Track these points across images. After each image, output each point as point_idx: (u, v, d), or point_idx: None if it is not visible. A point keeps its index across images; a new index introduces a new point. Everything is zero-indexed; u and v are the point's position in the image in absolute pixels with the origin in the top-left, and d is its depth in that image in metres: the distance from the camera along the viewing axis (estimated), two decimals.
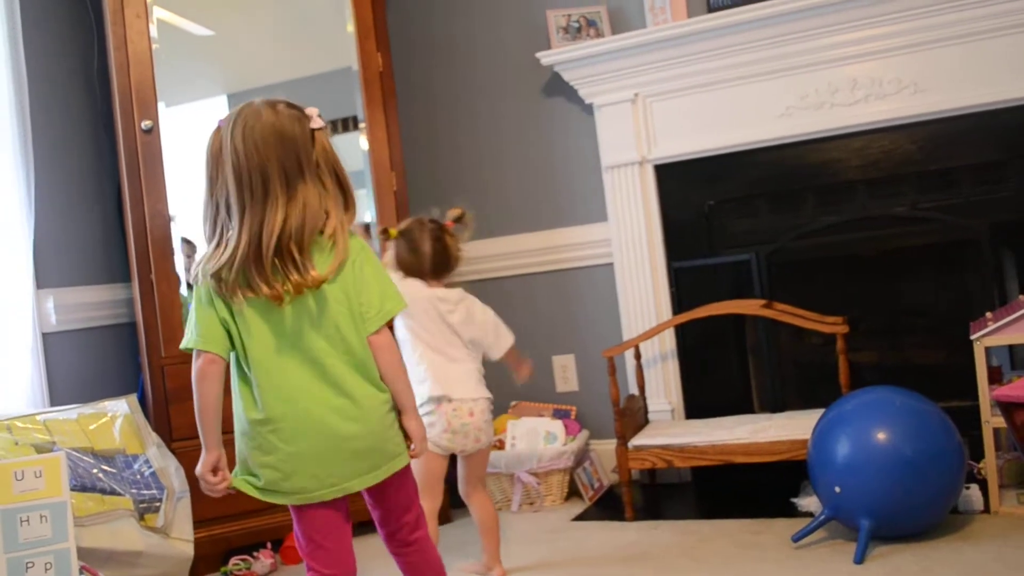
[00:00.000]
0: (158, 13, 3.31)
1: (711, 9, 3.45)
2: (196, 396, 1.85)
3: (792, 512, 3.00)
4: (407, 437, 1.94)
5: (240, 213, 1.80)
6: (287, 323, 1.83)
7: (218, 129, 1.85)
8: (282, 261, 1.79)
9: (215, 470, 1.89)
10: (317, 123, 1.86)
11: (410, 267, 2.62)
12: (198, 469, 1.90)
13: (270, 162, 1.79)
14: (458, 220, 2.68)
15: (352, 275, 1.88)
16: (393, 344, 1.96)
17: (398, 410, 1.93)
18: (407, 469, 1.95)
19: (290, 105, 1.87)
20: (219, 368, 1.84)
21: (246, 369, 1.85)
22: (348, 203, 1.89)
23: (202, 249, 1.88)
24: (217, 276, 1.80)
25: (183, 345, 1.86)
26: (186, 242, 3.38)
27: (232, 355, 1.87)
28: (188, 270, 3.32)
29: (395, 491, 1.95)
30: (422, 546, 2.00)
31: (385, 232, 2.60)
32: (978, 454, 2.84)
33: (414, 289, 2.57)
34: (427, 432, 2.13)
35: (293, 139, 1.82)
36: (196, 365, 1.84)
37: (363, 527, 2.29)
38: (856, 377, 3.07)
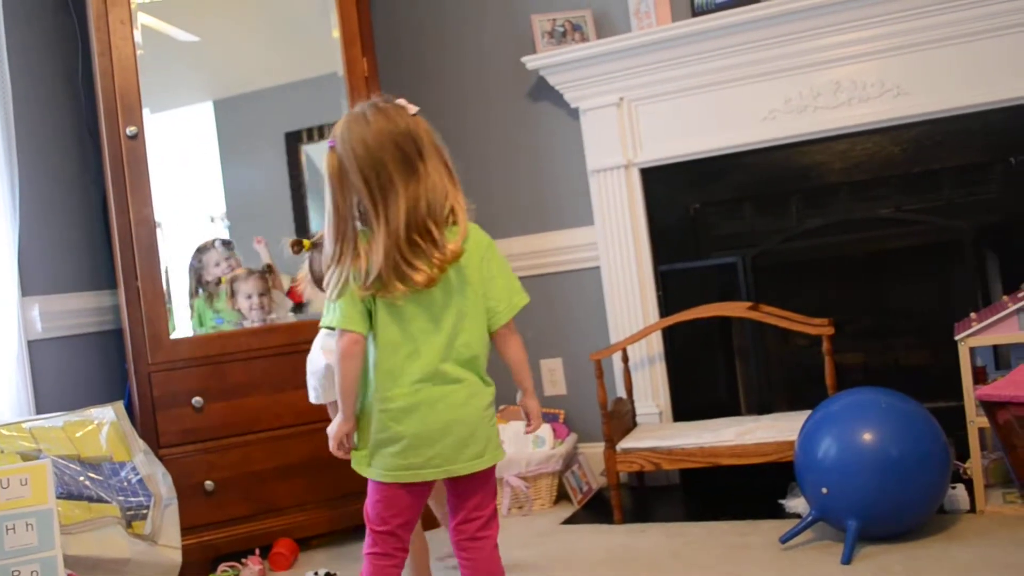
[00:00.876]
0: (143, 19, 3.31)
1: (695, 13, 3.47)
2: (340, 372, 1.93)
3: (780, 513, 3.01)
4: (528, 416, 2.09)
5: (376, 215, 1.88)
6: (425, 306, 1.92)
7: (332, 149, 1.92)
8: (422, 240, 1.88)
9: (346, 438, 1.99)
10: (412, 109, 1.95)
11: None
12: (331, 431, 1.98)
13: (387, 155, 1.88)
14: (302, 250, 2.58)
15: (480, 267, 1.98)
16: (516, 333, 2.08)
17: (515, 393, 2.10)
18: (494, 467, 2.02)
19: (387, 100, 1.96)
20: (362, 347, 1.93)
21: (376, 347, 1.93)
22: (455, 180, 2.00)
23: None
24: (377, 277, 1.86)
25: (325, 323, 1.94)
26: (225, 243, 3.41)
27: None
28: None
29: (482, 483, 2.01)
30: (488, 544, 2.02)
31: (299, 244, 2.54)
32: (964, 454, 2.85)
33: None
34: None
35: (404, 130, 1.91)
36: (341, 343, 1.92)
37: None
38: (842, 378, 3.08)
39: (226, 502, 3.17)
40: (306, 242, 2.56)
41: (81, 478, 2.64)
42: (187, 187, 3.57)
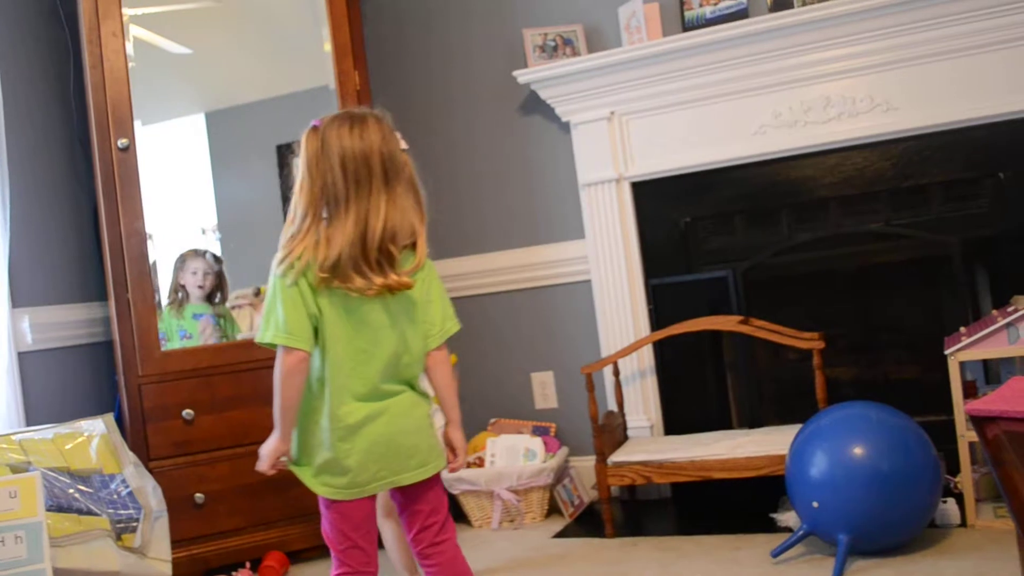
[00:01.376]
0: (135, 31, 3.31)
1: (686, 28, 3.48)
2: (281, 390, 1.91)
3: (771, 527, 3.01)
4: (451, 449, 2.07)
5: (346, 203, 1.87)
6: (372, 322, 1.92)
7: (315, 129, 1.92)
8: (383, 256, 1.88)
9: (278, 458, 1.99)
10: (403, 145, 1.98)
11: None
12: (267, 450, 1.97)
13: (374, 157, 1.89)
14: None
15: (422, 289, 1.98)
16: (448, 360, 2.08)
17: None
18: (439, 474, 2.04)
19: (388, 121, 1.98)
20: (307, 365, 1.91)
21: (320, 365, 1.93)
22: (423, 220, 1.99)
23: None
24: (333, 267, 1.85)
25: (266, 339, 1.90)
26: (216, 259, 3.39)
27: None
28: None
29: (429, 490, 2.02)
30: (449, 547, 2.04)
31: None
32: (954, 468, 2.86)
33: None
34: None
35: (392, 150, 1.94)
36: (285, 361, 1.89)
37: None
38: (833, 392, 3.09)
39: (216, 515, 3.16)
40: None
41: (71, 490, 2.62)
42: (178, 199, 3.58)
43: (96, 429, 2.83)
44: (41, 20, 3.40)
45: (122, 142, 3.13)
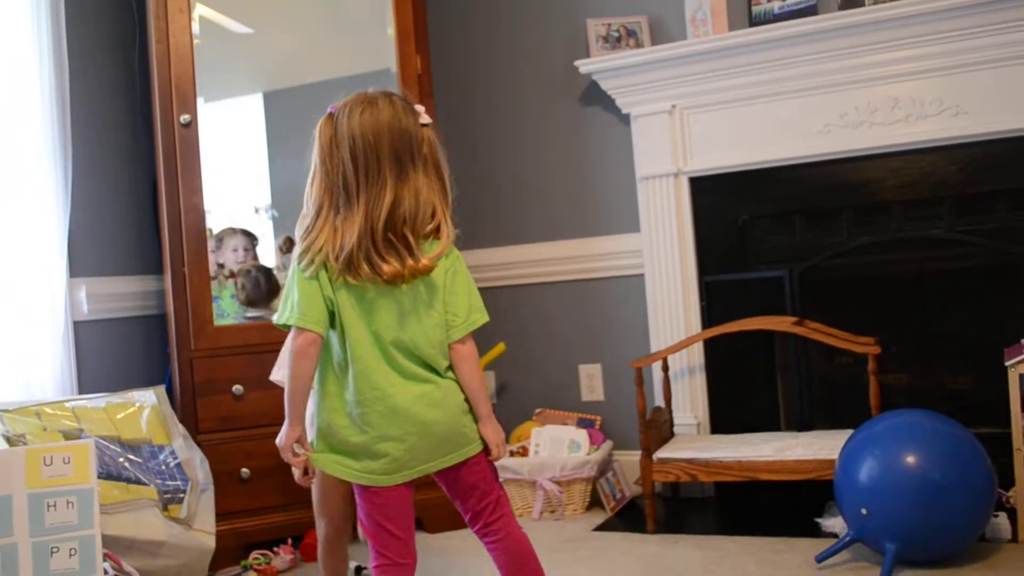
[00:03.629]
0: (200, 9, 3.34)
1: (753, 23, 3.43)
2: (291, 372, 1.89)
3: (816, 532, 2.97)
4: (487, 444, 2.00)
5: (356, 195, 1.85)
6: (392, 308, 1.89)
7: (330, 116, 1.91)
8: (398, 241, 1.85)
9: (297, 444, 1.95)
10: (425, 119, 1.93)
11: None
12: (281, 442, 1.94)
13: (383, 146, 1.86)
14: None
15: (445, 278, 1.94)
16: (475, 354, 2.01)
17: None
18: (482, 455, 2.00)
19: (402, 98, 1.94)
20: (318, 348, 1.88)
21: (341, 350, 1.90)
22: (447, 200, 1.94)
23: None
24: (346, 259, 1.83)
25: (280, 320, 1.89)
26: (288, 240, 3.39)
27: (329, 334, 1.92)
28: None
29: (471, 473, 1.99)
30: (504, 523, 2.01)
31: (289, 241, 2.49)
32: (1008, 482, 2.79)
33: None
34: None
35: (407, 129, 1.89)
36: (296, 342, 1.87)
37: None
38: (886, 399, 3.03)
39: (261, 491, 3.19)
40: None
41: (121, 459, 2.66)
42: (234, 177, 3.60)
43: (147, 400, 2.87)
44: None
45: (184, 118, 3.16)
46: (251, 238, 3.49)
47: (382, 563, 1.95)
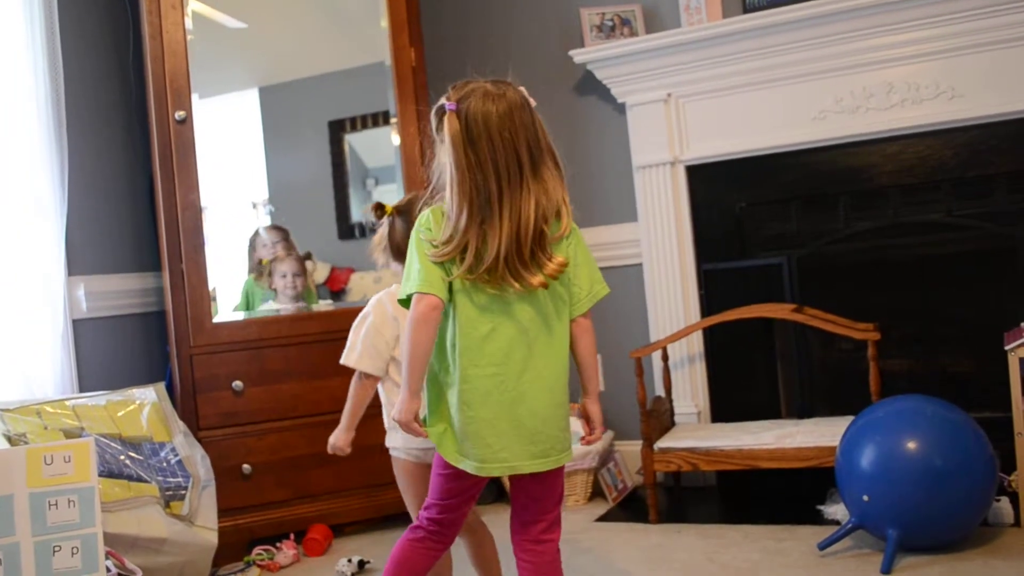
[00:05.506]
0: (193, 5, 3.32)
1: (747, 10, 3.43)
2: (411, 339, 1.81)
3: (818, 519, 2.97)
4: (588, 420, 1.97)
5: (499, 200, 1.78)
6: (508, 295, 1.82)
7: (452, 112, 1.82)
8: (536, 244, 1.80)
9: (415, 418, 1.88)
10: (533, 102, 1.88)
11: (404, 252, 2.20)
12: (403, 417, 1.85)
13: (520, 145, 1.80)
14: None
15: (566, 254, 1.88)
16: (592, 328, 1.96)
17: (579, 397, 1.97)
18: (563, 468, 1.94)
19: (512, 84, 1.88)
20: (439, 315, 1.81)
21: (452, 325, 1.84)
22: (563, 180, 1.90)
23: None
24: (489, 269, 1.78)
25: (405, 292, 1.83)
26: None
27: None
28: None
29: (549, 485, 1.93)
30: (550, 550, 1.94)
31: (380, 208, 2.36)
32: (1010, 466, 2.79)
33: None
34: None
35: (531, 122, 1.83)
36: (416, 308, 1.80)
37: None
38: (886, 385, 3.03)
39: (262, 486, 3.19)
40: (388, 207, 2.39)
41: (122, 457, 2.66)
42: (231, 173, 3.60)
43: (147, 397, 2.86)
44: None
45: (179, 114, 3.15)
46: (282, 232, 3.53)
47: (420, 536, 1.93)
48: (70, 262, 3.16)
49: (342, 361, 2.22)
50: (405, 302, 1.84)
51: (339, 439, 2.26)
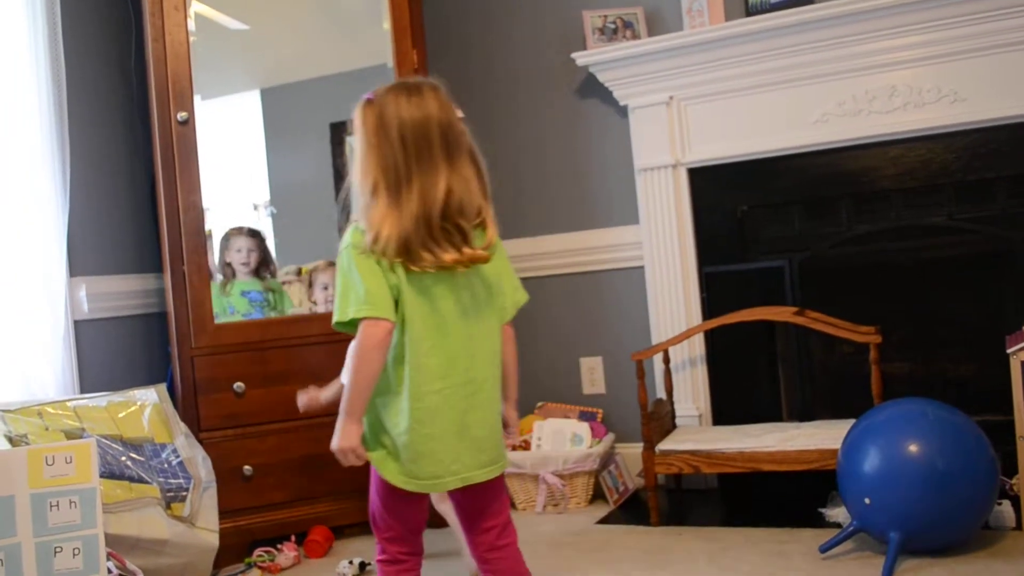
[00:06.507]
0: (196, 6, 3.32)
1: (749, 13, 3.43)
2: (361, 366, 1.80)
3: (819, 522, 2.97)
4: (505, 425, 1.99)
5: (410, 178, 1.80)
6: (451, 300, 1.84)
7: (370, 102, 1.85)
8: (452, 229, 1.80)
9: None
10: (459, 114, 1.90)
11: None
12: (348, 443, 1.84)
13: (432, 132, 1.82)
14: None
15: (495, 269, 1.92)
16: (514, 336, 2.00)
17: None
18: (503, 474, 1.97)
19: (440, 88, 1.90)
20: (391, 339, 1.81)
21: (399, 340, 1.83)
22: (487, 193, 1.90)
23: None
24: (402, 245, 1.78)
25: (348, 316, 1.79)
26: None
27: None
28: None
29: (495, 490, 1.95)
30: (510, 552, 1.96)
31: None
32: (1011, 470, 2.79)
33: None
34: None
35: (452, 119, 1.86)
36: (369, 334, 1.78)
37: None
38: (888, 388, 3.03)
39: (264, 488, 3.19)
40: None
41: (123, 458, 2.66)
42: (233, 174, 3.60)
43: (149, 399, 2.86)
44: None
45: (181, 115, 3.15)
46: (257, 238, 3.48)
47: (388, 559, 1.95)
48: (72, 263, 3.17)
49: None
50: (347, 325, 1.81)
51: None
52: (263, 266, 3.45)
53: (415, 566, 1.97)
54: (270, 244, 3.53)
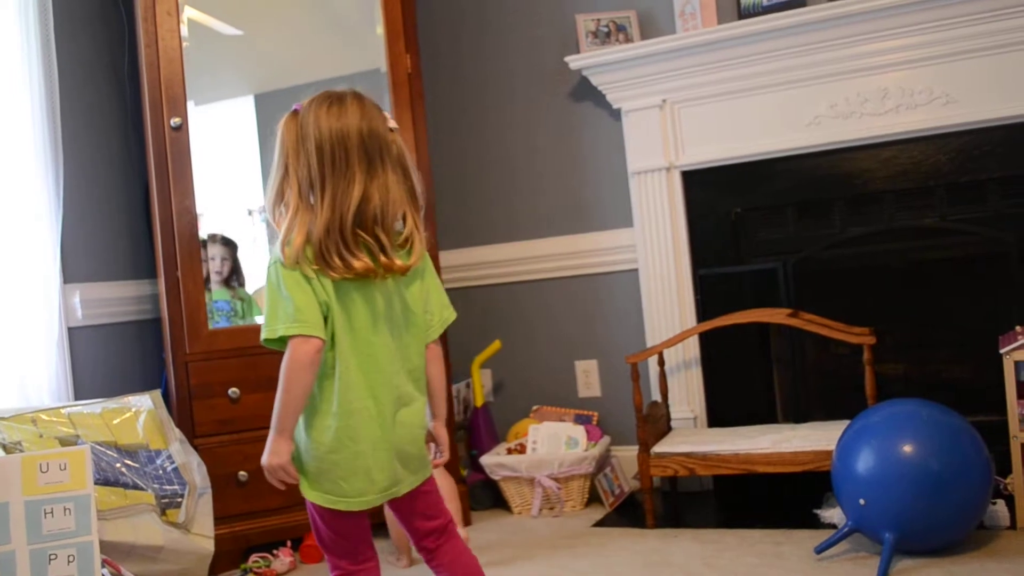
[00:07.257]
0: (188, 12, 3.32)
1: (742, 16, 3.43)
2: (291, 385, 1.77)
3: (814, 524, 2.97)
4: (437, 443, 1.99)
5: (322, 186, 1.78)
6: (381, 316, 1.82)
7: (295, 112, 1.84)
8: (369, 239, 1.78)
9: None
10: (393, 124, 1.87)
11: None
12: (277, 460, 1.84)
13: (351, 140, 1.79)
14: None
15: (421, 287, 1.91)
16: (442, 354, 2.00)
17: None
18: (432, 477, 1.97)
19: (370, 99, 1.88)
20: (320, 357, 1.78)
21: (329, 357, 1.81)
22: (416, 205, 1.88)
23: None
24: (317, 251, 1.76)
25: (277, 334, 1.76)
26: None
27: None
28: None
29: (424, 496, 1.95)
30: (451, 546, 1.97)
31: None
32: (1005, 469, 2.80)
33: None
34: None
35: (376, 128, 1.82)
36: (300, 352, 1.75)
37: None
38: (882, 389, 3.03)
39: (259, 493, 3.18)
40: None
41: (118, 465, 2.66)
42: (226, 180, 3.59)
43: (143, 405, 2.86)
44: None
45: (175, 121, 3.15)
46: (231, 247, 3.48)
47: (341, 574, 1.93)
48: (65, 269, 3.17)
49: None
50: (276, 342, 1.78)
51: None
52: (233, 275, 3.45)
53: (372, 569, 1.94)
54: (264, 250, 3.53)
